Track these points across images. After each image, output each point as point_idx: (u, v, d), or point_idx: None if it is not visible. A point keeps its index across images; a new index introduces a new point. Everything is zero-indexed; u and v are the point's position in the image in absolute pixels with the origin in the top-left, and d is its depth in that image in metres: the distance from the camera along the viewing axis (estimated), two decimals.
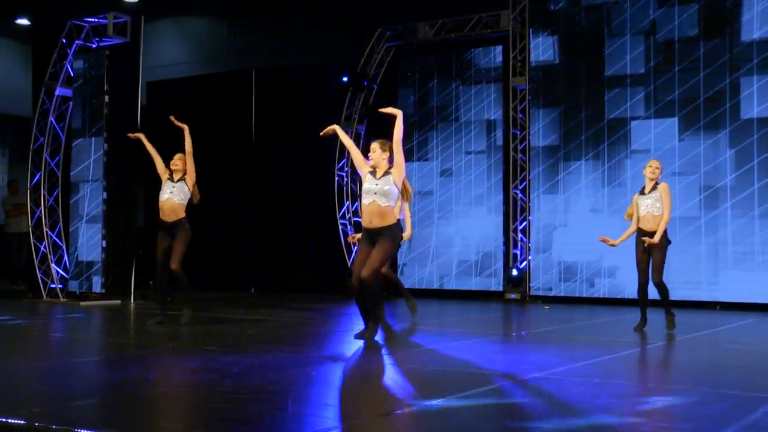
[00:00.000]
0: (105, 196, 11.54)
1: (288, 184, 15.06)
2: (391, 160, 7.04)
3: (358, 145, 14.62)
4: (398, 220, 7.24)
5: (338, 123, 14.46)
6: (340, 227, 14.51)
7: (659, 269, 8.28)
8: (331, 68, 15.06)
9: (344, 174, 14.64)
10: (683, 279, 11.51)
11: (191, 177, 8.34)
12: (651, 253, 8.32)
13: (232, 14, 17.66)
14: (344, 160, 14.59)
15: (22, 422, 3.84)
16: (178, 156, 8.40)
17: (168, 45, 18.70)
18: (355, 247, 10.36)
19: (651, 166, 8.47)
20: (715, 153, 11.65)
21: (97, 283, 11.57)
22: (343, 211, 14.57)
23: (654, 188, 8.39)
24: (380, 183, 6.96)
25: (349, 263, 14.37)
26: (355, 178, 14.75)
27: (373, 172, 7.09)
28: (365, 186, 7.06)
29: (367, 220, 7.00)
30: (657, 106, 12.11)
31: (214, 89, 15.67)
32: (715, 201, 11.62)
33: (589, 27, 12.71)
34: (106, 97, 11.55)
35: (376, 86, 14.66)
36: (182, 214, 8.25)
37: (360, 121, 14.66)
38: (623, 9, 12.45)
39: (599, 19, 12.64)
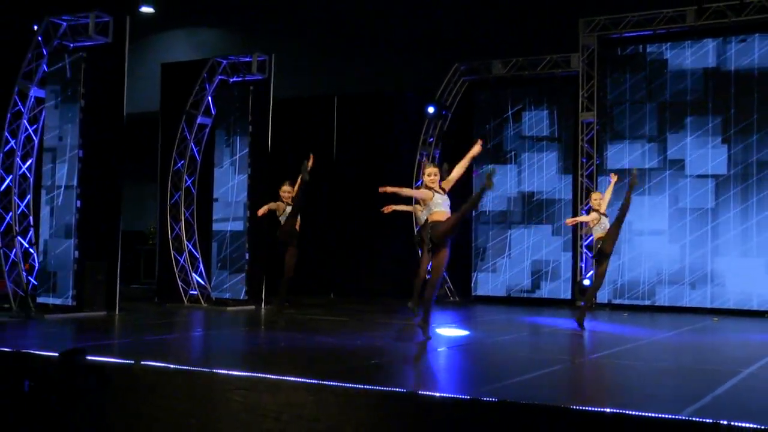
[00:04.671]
0: (248, 214, 13.02)
1: (367, 200, 16.70)
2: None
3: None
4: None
5: (416, 147, 16.26)
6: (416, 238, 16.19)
7: None
8: (407, 96, 16.75)
9: None
10: None
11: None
12: None
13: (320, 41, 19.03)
14: (421, 180, 16.26)
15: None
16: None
17: None
18: None
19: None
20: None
21: (240, 291, 13.07)
22: (420, 225, 16.24)
23: None
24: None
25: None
26: None
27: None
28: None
29: None
30: (714, 143, 14.11)
31: (301, 111, 17.18)
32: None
33: (653, 69, 14.66)
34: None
35: (450, 115, 16.40)
36: None
37: (436, 146, 16.40)
38: (684, 55, 14.43)
39: (662, 64, 14.59)
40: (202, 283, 13.46)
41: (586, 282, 14.90)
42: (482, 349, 8.68)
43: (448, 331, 10.35)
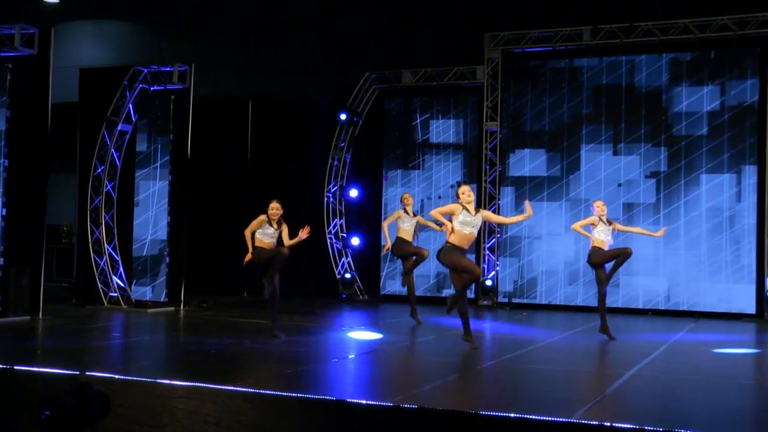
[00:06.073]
0: (169, 219, 13.48)
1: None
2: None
3: (343, 170, 17.16)
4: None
5: (328, 152, 16.95)
6: (328, 240, 16.93)
7: None
8: (320, 102, 17.42)
9: (330, 195, 17.05)
10: None
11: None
12: None
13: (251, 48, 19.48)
14: (333, 183, 17.00)
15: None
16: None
17: None
18: None
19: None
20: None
21: (160, 293, 13.54)
22: (331, 226, 16.98)
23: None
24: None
25: (336, 272, 16.86)
26: (342, 199, 17.23)
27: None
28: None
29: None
30: (607, 153, 15.28)
31: (216, 112, 17.58)
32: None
33: (553, 83, 15.73)
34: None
35: (361, 121, 17.16)
36: None
37: (347, 151, 17.14)
38: (581, 71, 15.55)
39: (561, 78, 15.68)
40: (122, 285, 13.84)
41: (489, 282, 15.91)
42: (396, 354, 9.46)
43: (361, 334, 11.10)
